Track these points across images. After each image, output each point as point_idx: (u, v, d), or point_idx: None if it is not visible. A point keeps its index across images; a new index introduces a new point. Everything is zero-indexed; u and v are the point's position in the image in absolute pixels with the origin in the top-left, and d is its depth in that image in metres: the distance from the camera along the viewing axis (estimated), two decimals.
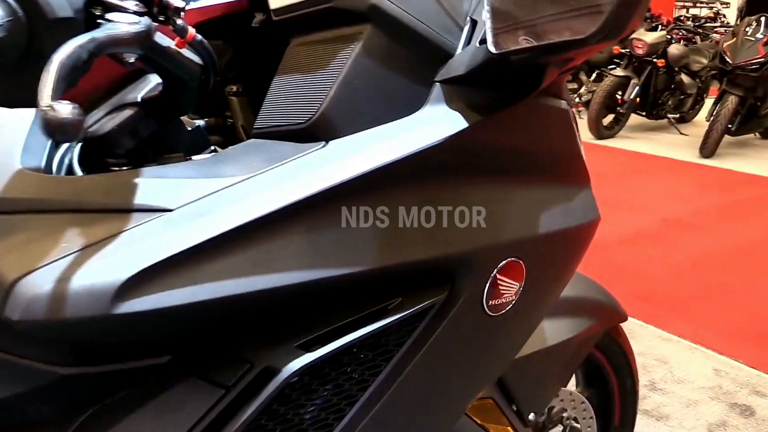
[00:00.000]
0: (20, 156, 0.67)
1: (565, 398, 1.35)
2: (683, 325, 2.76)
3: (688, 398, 2.25)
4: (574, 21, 0.58)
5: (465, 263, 0.74)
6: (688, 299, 3.02)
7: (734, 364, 2.47)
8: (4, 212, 0.62)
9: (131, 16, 0.60)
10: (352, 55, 0.71)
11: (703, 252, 3.64)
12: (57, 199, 0.62)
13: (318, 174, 0.64)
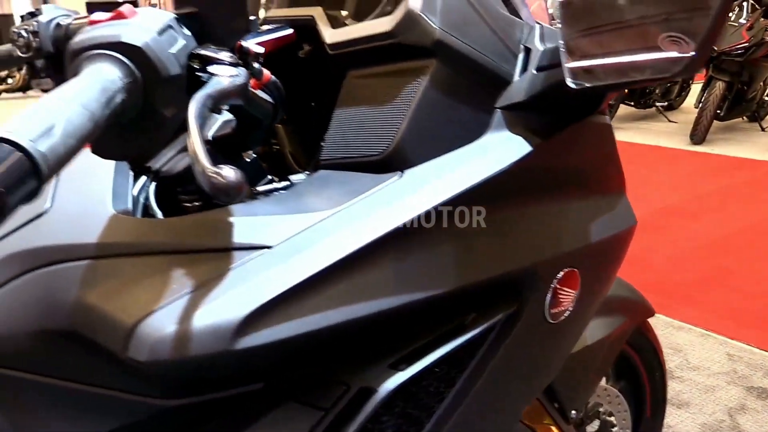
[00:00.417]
0: (111, 201, 0.71)
1: (600, 393, 1.40)
2: (693, 312, 2.82)
3: (706, 384, 2.30)
4: (656, 60, 0.63)
5: (530, 276, 0.79)
6: (695, 286, 3.08)
7: (746, 348, 2.53)
8: (106, 256, 0.66)
9: (230, 68, 0.63)
10: (421, 88, 0.75)
11: (705, 238, 3.70)
12: (156, 242, 0.65)
13: (402, 204, 0.68)
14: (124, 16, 0.60)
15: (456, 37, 0.76)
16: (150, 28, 0.60)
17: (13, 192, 0.42)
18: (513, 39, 0.83)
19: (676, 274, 3.22)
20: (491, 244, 0.75)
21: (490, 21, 0.80)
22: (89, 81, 0.53)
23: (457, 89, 0.77)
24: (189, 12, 0.66)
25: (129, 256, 0.65)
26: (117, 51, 0.57)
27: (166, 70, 0.59)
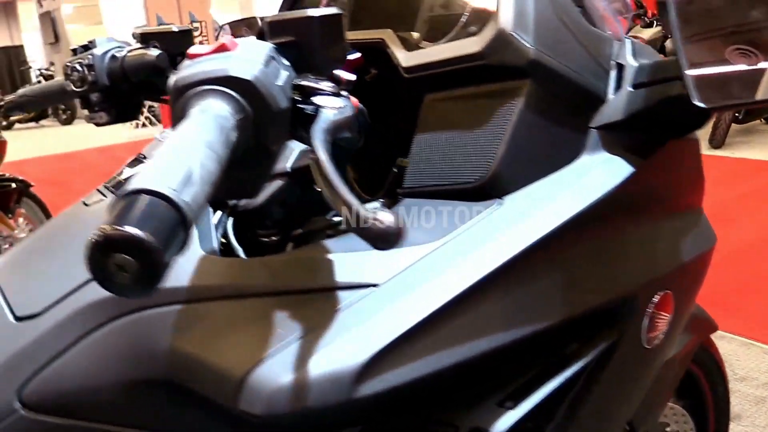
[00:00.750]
0: (198, 240, 0.68)
1: (667, 413, 1.36)
2: (732, 321, 2.76)
3: (755, 395, 2.24)
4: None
5: (629, 302, 0.76)
6: (731, 294, 3.02)
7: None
8: (198, 300, 0.63)
9: (335, 98, 0.60)
10: (516, 110, 0.71)
11: (734, 244, 3.64)
12: (252, 283, 0.62)
13: (507, 237, 0.65)
14: (227, 48, 0.57)
15: (550, 56, 0.73)
16: (255, 60, 0.57)
17: (168, 248, 0.39)
18: (604, 55, 0.80)
19: (711, 281, 3.16)
20: (593, 271, 0.72)
21: (580, 37, 0.78)
22: (206, 120, 0.50)
23: (551, 110, 0.74)
24: (286, 41, 0.63)
25: (224, 299, 0.62)
26: (226, 86, 0.54)
27: (276, 104, 0.57)
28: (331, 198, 0.51)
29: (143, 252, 0.38)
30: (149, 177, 0.41)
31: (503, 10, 0.72)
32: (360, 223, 0.47)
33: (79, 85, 0.98)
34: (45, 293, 0.67)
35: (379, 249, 0.48)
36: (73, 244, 0.73)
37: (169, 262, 0.39)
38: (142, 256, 0.38)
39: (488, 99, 0.74)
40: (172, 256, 0.39)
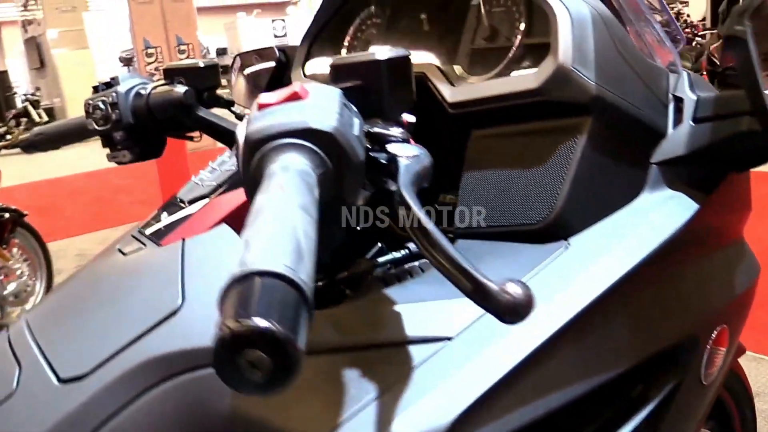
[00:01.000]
0: None
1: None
2: (743, 335, 2.74)
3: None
4: None
5: (692, 340, 0.74)
6: None
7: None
8: None
9: (409, 146, 0.57)
10: (578, 148, 0.69)
11: None
12: (318, 340, 0.58)
13: (579, 283, 0.62)
14: (299, 96, 0.53)
15: (611, 92, 0.70)
16: (332, 109, 0.53)
17: (298, 335, 0.35)
18: (661, 88, 0.78)
19: None
20: (660, 312, 0.70)
21: (638, 70, 0.75)
22: (294, 179, 0.46)
23: (613, 146, 0.72)
24: (353, 85, 0.60)
25: None
26: (306, 139, 0.50)
27: (356, 156, 0.53)
28: (442, 266, 0.47)
29: (276, 345, 0.34)
30: (260, 256, 0.37)
31: (562, 45, 0.69)
32: (484, 295, 0.43)
33: (102, 123, 0.95)
34: (90, 353, 0.63)
35: (506, 323, 0.44)
36: (115, 298, 0.68)
37: (303, 350, 0.35)
38: (275, 350, 0.34)
39: (547, 136, 0.71)
40: (303, 343, 0.35)
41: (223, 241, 0.69)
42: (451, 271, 0.46)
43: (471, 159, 0.74)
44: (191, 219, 0.73)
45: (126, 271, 0.71)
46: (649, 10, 0.86)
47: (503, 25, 0.84)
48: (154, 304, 0.64)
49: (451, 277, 0.46)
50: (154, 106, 0.95)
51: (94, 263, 0.79)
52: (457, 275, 0.46)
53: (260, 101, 0.54)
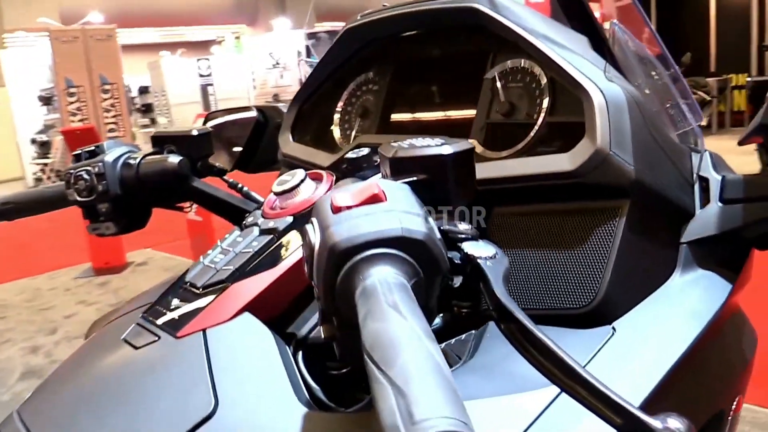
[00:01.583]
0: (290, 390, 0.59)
1: None
2: None
3: None
4: None
5: (719, 415, 0.74)
6: None
7: (749, 408, 2.54)
8: None
9: (485, 245, 0.53)
10: (618, 232, 0.68)
11: None
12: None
13: (630, 375, 0.61)
14: (380, 198, 0.49)
15: (648, 175, 0.70)
16: (416, 213, 0.49)
17: None
18: (686, 168, 0.79)
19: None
20: (699, 393, 0.70)
21: (668, 152, 0.76)
22: (406, 300, 0.42)
23: (649, 228, 0.71)
24: (418, 179, 0.57)
25: None
26: (399, 248, 0.46)
27: (445, 263, 0.49)
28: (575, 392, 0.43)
29: None
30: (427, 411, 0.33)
31: (600, 128, 0.68)
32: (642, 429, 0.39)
33: (86, 194, 0.89)
34: None
35: None
36: (137, 400, 0.61)
37: None
38: None
39: (582, 217, 0.70)
40: None
41: (249, 331, 0.64)
42: (594, 404, 0.42)
43: (493, 237, 0.73)
44: (210, 307, 0.68)
45: (143, 368, 0.64)
46: (674, 88, 0.88)
47: (522, 101, 0.83)
48: (183, 407, 0.58)
49: (593, 408, 0.42)
50: (145, 177, 0.89)
51: (97, 356, 0.72)
52: (603, 408, 0.42)
53: (336, 203, 0.50)
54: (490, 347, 0.66)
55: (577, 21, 0.87)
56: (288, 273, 0.69)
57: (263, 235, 0.74)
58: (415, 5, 0.93)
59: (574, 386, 0.44)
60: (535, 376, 0.52)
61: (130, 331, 0.70)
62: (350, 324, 0.46)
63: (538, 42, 0.77)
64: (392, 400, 0.35)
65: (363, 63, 1.05)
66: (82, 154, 0.92)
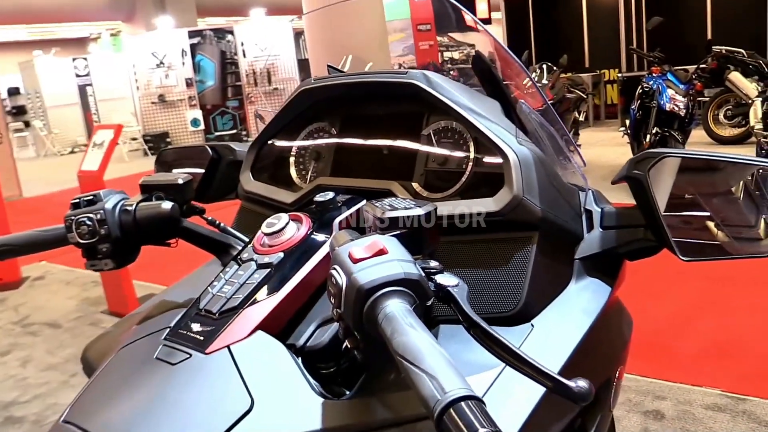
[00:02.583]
0: (308, 386, 0.76)
1: None
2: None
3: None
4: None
5: (609, 381, 1.00)
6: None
7: (630, 377, 2.89)
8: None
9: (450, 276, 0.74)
10: (532, 255, 0.92)
11: None
12: (371, 419, 0.74)
13: (549, 354, 0.84)
14: (385, 251, 0.69)
15: (549, 212, 0.94)
16: (409, 260, 0.70)
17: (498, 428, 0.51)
18: (576, 204, 1.04)
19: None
20: (596, 364, 0.95)
21: (563, 193, 1.00)
22: (415, 320, 0.62)
23: (552, 250, 0.95)
24: (399, 233, 0.78)
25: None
26: (403, 286, 0.67)
27: (430, 292, 0.70)
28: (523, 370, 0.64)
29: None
30: (455, 385, 0.54)
31: (515, 179, 0.92)
32: (564, 389, 0.60)
33: (89, 237, 1.02)
34: None
35: (579, 404, 0.60)
36: (185, 406, 0.76)
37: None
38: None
39: (506, 245, 0.93)
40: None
41: (265, 345, 0.81)
42: (533, 374, 0.63)
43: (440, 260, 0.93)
44: (229, 328, 0.83)
45: (182, 380, 0.78)
46: (565, 146, 1.13)
47: (453, 154, 1.06)
48: (224, 407, 0.74)
49: (533, 377, 0.63)
50: (141, 221, 1.02)
51: (135, 372, 0.83)
52: (539, 377, 0.63)
53: (354, 256, 0.69)
54: (444, 346, 0.86)
55: (490, 87, 1.10)
56: (287, 298, 0.87)
57: (261, 269, 0.90)
58: (363, 76, 1.16)
59: (519, 365, 0.65)
60: (481, 362, 0.78)
61: (160, 351, 0.84)
62: (372, 338, 0.67)
63: (465, 113, 1.00)
64: (428, 382, 0.56)
65: (314, 114, 1.23)
66: (81, 202, 1.04)
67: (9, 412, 3.18)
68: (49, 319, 4.48)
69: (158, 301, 1.09)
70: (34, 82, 16.51)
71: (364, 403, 0.78)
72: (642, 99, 6.08)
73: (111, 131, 4.21)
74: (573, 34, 10.95)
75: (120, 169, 9.64)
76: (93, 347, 1.11)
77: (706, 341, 3.18)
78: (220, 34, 14.32)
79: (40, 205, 8.97)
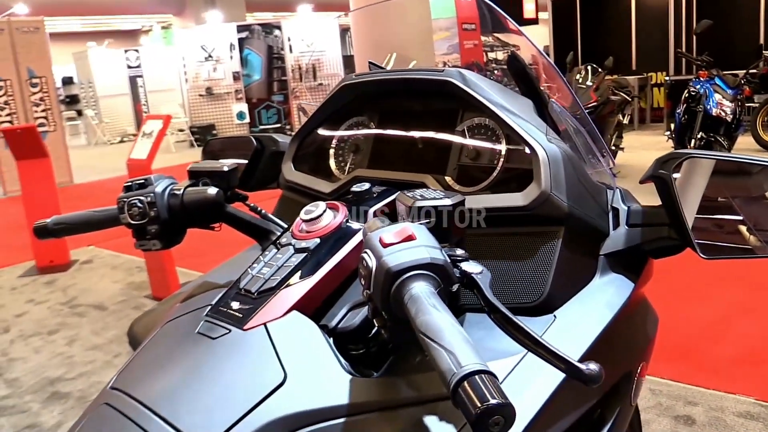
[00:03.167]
0: (338, 364, 0.81)
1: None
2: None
3: (642, 419, 2.62)
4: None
5: (627, 375, 1.03)
6: None
7: (663, 382, 2.89)
8: (356, 414, 0.77)
9: (476, 264, 0.79)
10: (557, 249, 0.96)
11: None
12: (395, 397, 0.79)
13: (570, 345, 0.88)
14: (413, 237, 0.74)
15: (576, 208, 0.98)
16: (436, 246, 0.74)
17: (509, 400, 0.56)
18: (603, 201, 1.08)
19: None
20: (616, 356, 0.98)
21: (590, 190, 1.04)
22: (438, 301, 0.67)
23: (577, 245, 0.99)
24: (428, 221, 0.83)
25: (376, 411, 0.78)
26: (429, 270, 0.72)
27: (455, 277, 0.75)
28: (539, 353, 0.68)
29: (507, 410, 0.56)
30: (470, 359, 0.59)
31: (543, 176, 0.96)
32: (576, 372, 0.64)
33: (139, 218, 1.09)
34: (217, 419, 0.76)
35: (590, 387, 0.64)
36: (224, 376, 0.82)
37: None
38: (507, 414, 0.56)
39: (532, 238, 0.97)
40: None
41: (299, 324, 0.86)
42: (548, 357, 0.68)
43: (469, 252, 0.98)
44: (266, 307, 0.89)
45: (221, 354, 0.84)
46: (595, 146, 1.16)
47: (486, 150, 1.10)
48: (260, 379, 0.80)
49: (548, 360, 0.68)
50: (188, 205, 1.09)
51: (178, 345, 0.90)
52: (553, 360, 0.67)
53: (385, 241, 0.74)
54: (469, 333, 0.90)
55: (524, 86, 1.14)
56: (322, 281, 0.92)
57: (298, 253, 0.96)
58: (401, 72, 1.20)
59: (537, 349, 0.69)
60: (504, 348, 0.82)
61: (202, 326, 0.90)
62: (398, 318, 0.72)
63: (498, 110, 1.05)
64: (446, 357, 0.61)
65: (354, 108, 1.29)
66: (133, 185, 1.11)
67: (55, 387, 3.32)
68: (96, 301, 4.65)
69: (201, 282, 1.16)
70: (87, 72, 16.94)
71: (390, 382, 0.83)
72: (688, 103, 6.00)
73: (160, 121, 4.35)
74: (621, 35, 10.84)
75: (167, 160, 9.87)
76: (139, 322, 1.19)
77: (742, 348, 3.15)
78: (267, 29, 14.52)
79: (89, 192, 9.26)
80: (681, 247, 1.02)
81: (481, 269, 0.78)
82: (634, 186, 1.15)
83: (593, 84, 6.53)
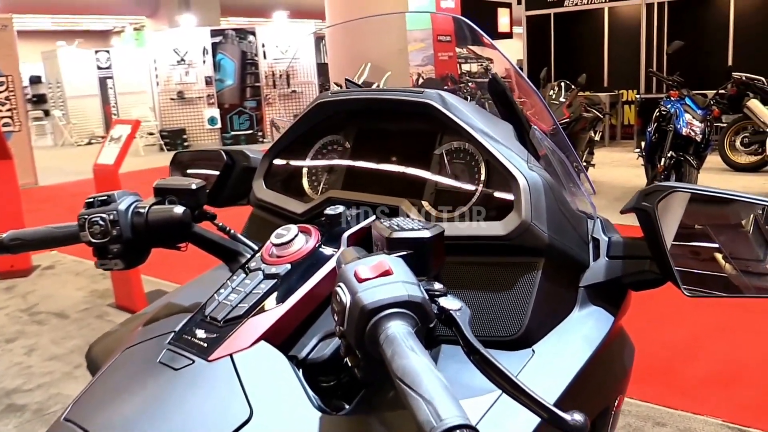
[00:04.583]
0: (308, 400, 0.76)
1: None
2: None
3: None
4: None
5: (605, 410, 1.00)
6: None
7: (632, 402, 2.88)
8: None
9: (454, 300, 0.74)
10: (536, 280, 0.92)
11: None
12: None
13: (548, 382, 0.84)
14: (390, 272, 0.70)
15: (557, 239, 0.94)
16: (413, 281, 0.70)
17: None
18: (583, 231, 1.04)
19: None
20: (594, 392, 0.95)
21: (571, 220, 1.00)
22: (416, 343, 0.63)
23: (557, 276, 0.95)
24: (406, 254, 0.78)
25: None
26: (406, 308, 0.67)
27: (433, 315, 0.70)
28: (520, 400, 0.64)
29: None
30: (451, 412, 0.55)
31: (524, 205, 0.92)
32: (560, 422, 0.61)
33: (101, 237, 1.03)
34: None
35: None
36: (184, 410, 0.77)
37: None
38: None
39: (511, 269, 0.93)
40: None
41: (267, 355, 0.82)
42: (530, 405, 0.64)
43: (444, 280, 0.90)
44: (233, 337, 0.83)
45: (184, 385, 0.80)
46: (575, 173, 1.13)
47: (464, 175, 1.06)
48: (224, 415, 0.75)
49: (529, 407, 0.64)
50: (153, 224, 1.04)
51: (138, 375, 0.85)
52: (536, 408, 0.64)
53: (360, 276, 0.70)
54: (444, 367, 0.86)
55: (505, 110, 1.11)
56: (292, 310, 0.87)
57: (267, 279, 0.91)
58: (379, 92, 1.16)
59: (516, 393, 0.66)
60: (480, 385, 0.77)
61: (164, 355, 0.85)
62: (373, 357, 0.67)
63: (479, 136, 1.01)
64: (425, 407, 0.56)
65: (329, 126, 1.25)
66: (95, 202, 1.05)
67: (11, 399, 3.21)
68: (57, 308, 4.52)
69: (165, 303, 1.10)
70: (56, 72, 16.66)
71: (361, 420, 0.79)
72: (659, 122, 6.06)
73: (129, 126, 4.25)
74: (593, 52, 10.95)
75: (135, 163, 9.71)
76: (98, 345, 1.13)
77: (712, 368, 3.16)
78: (242, 35, 14.43)
79: (54, 194, 9.05)
80: (662, 280, 0.99)
81: (460, 305, 0.74)
82: (606, 203, 1.11)
83: (566, 100, 6.57)
